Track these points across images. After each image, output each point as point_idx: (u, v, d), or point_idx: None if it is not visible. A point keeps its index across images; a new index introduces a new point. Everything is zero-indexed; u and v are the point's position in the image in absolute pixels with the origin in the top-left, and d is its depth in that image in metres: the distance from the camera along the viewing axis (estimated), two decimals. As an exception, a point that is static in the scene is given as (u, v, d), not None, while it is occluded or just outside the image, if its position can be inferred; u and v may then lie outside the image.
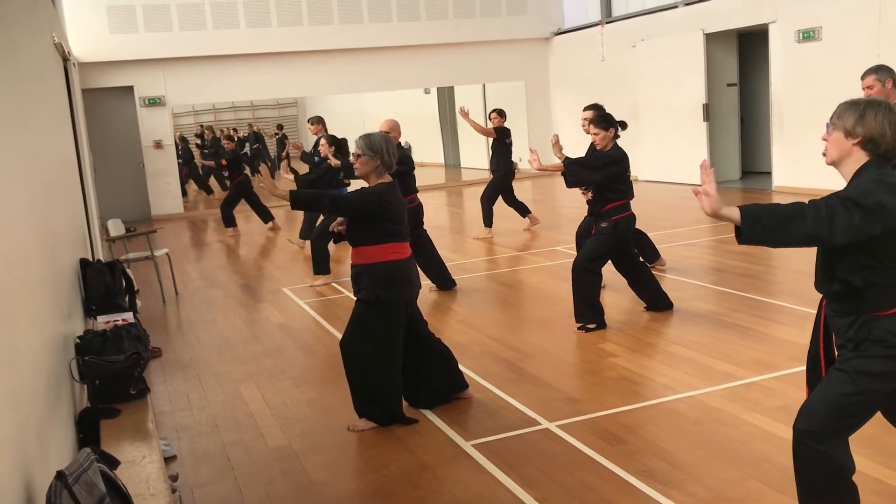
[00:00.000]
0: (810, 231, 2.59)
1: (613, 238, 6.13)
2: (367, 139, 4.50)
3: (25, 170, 3.43)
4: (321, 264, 8.69)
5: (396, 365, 4.59)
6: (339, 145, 9.14)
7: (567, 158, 6.25)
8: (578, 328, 6.12)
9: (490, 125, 11.05)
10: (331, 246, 8.89)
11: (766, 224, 2.62)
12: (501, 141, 10.75)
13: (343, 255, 9.74)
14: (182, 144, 20.83)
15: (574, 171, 6.05)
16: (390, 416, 4.59)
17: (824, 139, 2.81)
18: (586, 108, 7.31)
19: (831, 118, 2.79)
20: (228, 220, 13.06)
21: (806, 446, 2.82)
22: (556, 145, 6.65)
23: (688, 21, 14.15)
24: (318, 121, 11.42)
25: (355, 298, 4.63)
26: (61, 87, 7.60)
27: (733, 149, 14.58)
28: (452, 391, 4.90)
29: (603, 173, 6.03)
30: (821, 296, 2.92)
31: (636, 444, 4.11)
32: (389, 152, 4.51)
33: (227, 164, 13.39)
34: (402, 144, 7.66)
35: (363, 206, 4.43)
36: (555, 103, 18.37)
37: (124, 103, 15.88)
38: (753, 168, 14.92)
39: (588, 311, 6.09)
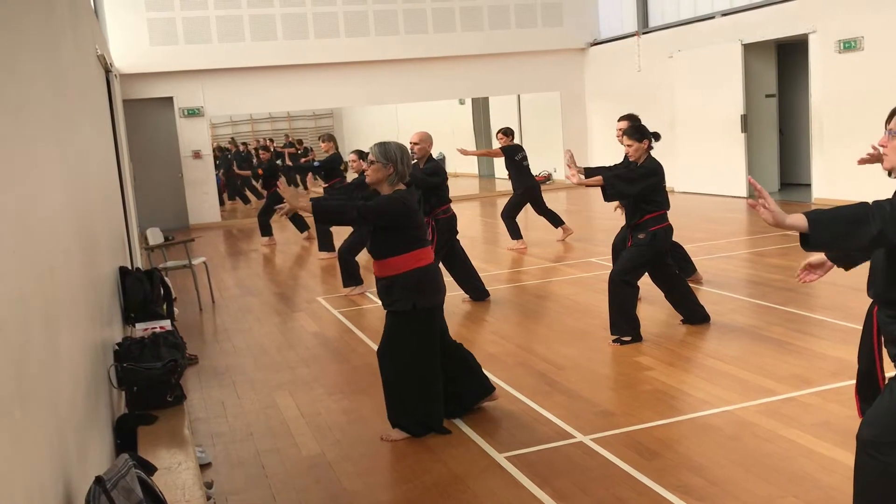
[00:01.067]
0: (877, 231, 2.52)
1: (651, 250, 6.08)
2: (382, 147, 4.48)
3: (68, 179, 3.50)
4: (351, 277, 8.71)
5: (436, 373, 4.57)
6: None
7: (605, 172, 6.23)
8: (613, 341, 6.07)
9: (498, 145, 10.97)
10: (359, 256, 8.92)
11: (833, 229, 2.56)
12: (511, 159, 10.67)
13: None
14: (219, 155, 21.11)
15: (614, 185, 6.02)
16: (425, 428, 4.57)
17: (881, 145, 2.77)
18: (621, 119, 7.28)
19: (891, 124, 2.74)
20: (265, 230, 13.20)
21: (869, 456, 2.76)
22: (571, 161, 6.58)
23: (725, 31, 14.02)
24: (330, 138, 11.57)
25: (387, 311, 4.60)
26: (103, 98, 7.75)
27: (772, 160, 14.40)
28: (479, 397, 4.87)
29: (640, 186, 6.00)
30: (867, 308, 2.86)
31: (672, 459, 4.06)
32: (404, 162, 4.47)
33: (262, 173, 13.56)
34: (436, 155, 7.67)
35: (389, 213, 4.40)
36: (590, 114, 18.30)
37: (164, 114, 16.16)
38: (792, 180, 14.73)
39: (624, 323, 6.04)
